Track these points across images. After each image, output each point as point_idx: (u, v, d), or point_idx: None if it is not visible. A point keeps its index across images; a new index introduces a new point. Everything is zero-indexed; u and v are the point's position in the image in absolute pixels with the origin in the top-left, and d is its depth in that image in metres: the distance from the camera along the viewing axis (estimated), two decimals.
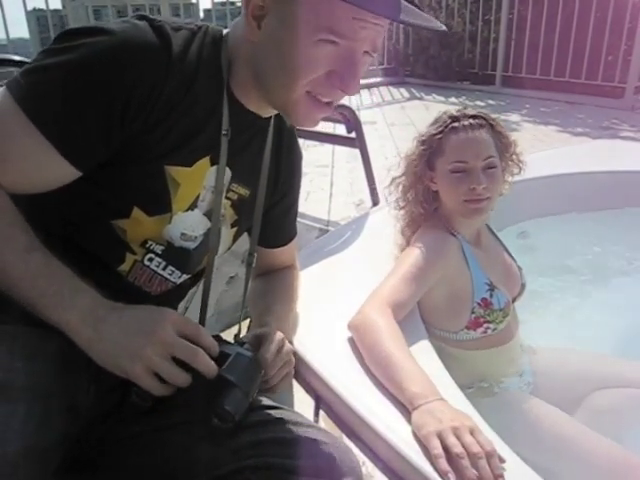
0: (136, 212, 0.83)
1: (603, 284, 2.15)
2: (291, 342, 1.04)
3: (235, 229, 1.00)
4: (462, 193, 1.30)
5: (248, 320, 1.13)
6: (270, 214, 1.05)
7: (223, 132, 0.85)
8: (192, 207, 0.88)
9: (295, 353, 0.98)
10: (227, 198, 0.94)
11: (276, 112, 0.94)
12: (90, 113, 0.75)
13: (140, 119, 0.77)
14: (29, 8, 4.87)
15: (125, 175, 0.82)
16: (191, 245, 0.92)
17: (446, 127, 1.34)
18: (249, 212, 1.01)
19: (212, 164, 0.87)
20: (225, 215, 0.96)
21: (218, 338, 0.80)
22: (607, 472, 1.15)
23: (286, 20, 0.76)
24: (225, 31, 0.88)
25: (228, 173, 0.91)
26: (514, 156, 1.40)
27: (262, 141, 0.97)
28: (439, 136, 1.34)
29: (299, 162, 1.12)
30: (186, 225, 0.89)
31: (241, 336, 0.95)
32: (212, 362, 0.75)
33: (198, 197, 0.88)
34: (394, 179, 1.44)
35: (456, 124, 1.33)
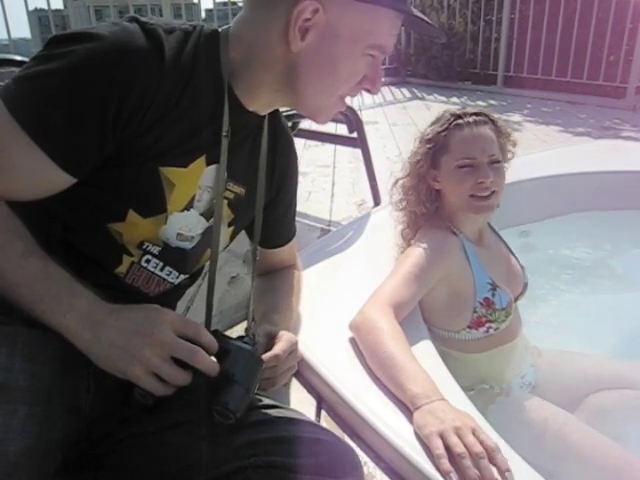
0: (131, 215, 0.83)
1: (603, 284, 2.16)
2: None
3: (232, 228, 1.00)
4: (468, 188, 1.30)
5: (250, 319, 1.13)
6: (268, 215, 1.04)
7: (224, 133, 0.85)
8: (188, 207, 0.88)
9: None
10: (224, 197, 0.94)
11: (271, 111, 0.95)
12: (82, 120, 0.74)
13: (134, 123, 0.77)
14: (30, 8, 4.88)
15: (119, 177, 0.81)
16: (188, 245, 0.91)
17: (450, 124, 1.34)
18: (245, 211, 1.00)
19: (207, 164, 0.87)
20: (222, 215, 0.96)
21: (217, 333, 0.79)
22: (608, 472, 1.15)
23: (338, 36, 0.81)
24: (221, 29, 0.87)
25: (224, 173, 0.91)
26: (509, 143, 1.41)
27: (257, 139, 0.97)
28: (444, 133, 1.34)
29: (295, 161, 1.12)
30: (182, 225, 0.89)
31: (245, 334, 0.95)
32: (213, 360, 0.75)
33: (194, 197, 0.88)
34: (397, 180, 1.44)
35: (460, 121, 1.34)
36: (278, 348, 0.90)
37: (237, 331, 1.39)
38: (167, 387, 0.73)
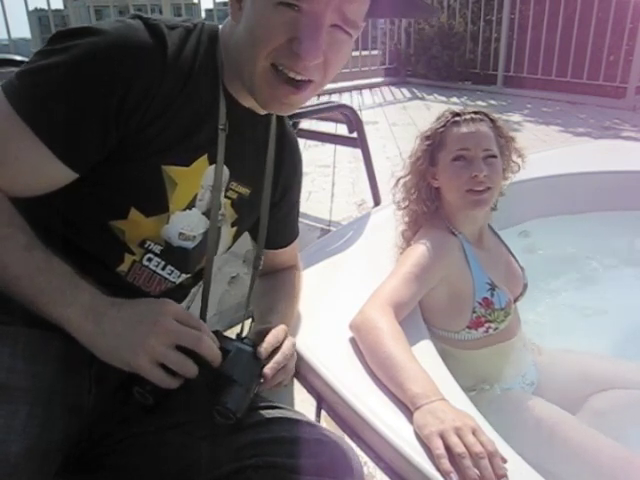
0: (133, 213, 0.83)
1: (603, 284, 2.15)
2: None
3: (235, 228, 1.00)
4: (464, 182, 1.30)
5: (250, 320, 1.13)
6: (271, 216, 1.04)
7: (220, 126, 0.85)
8: (190, 206, 0.88)
9: (297, 352, 0.98)
10: (227, 197, 0.94)
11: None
12: (84, 114, 0.74)
13: (136, 118, 0.77)
14: (30, 8, 4.88)
15: (122, 174, 0.82)
16: (190, 244, 0.91)
17: (448, 122, 1.36)
18: (249, 211, 1.00)
19: (210, 163, 0.87)
20: (225, 214, 0.96)
21: (217, 333, 0.80)
22: (609, 472, 1.14)
23: None
24: (222, 26, 0.88)
25: (226, 172, 0.91)
26: (514, 152, 1.41)
27: (262, 140, 0.97)
28: (441, 130, 1.36)
29: (300, 164, 1.13)
30: (184, 225, 0.89)
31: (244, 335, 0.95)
32: (216, 347, 0.75)
33: (196, 196, 0.88)
34: (399, 179, 1.44)
35: (457, 118, 1.35)
36: (268, 339, 0.87)
37: (237, 331, 1.39)
38: (172, 379, 0.73)
